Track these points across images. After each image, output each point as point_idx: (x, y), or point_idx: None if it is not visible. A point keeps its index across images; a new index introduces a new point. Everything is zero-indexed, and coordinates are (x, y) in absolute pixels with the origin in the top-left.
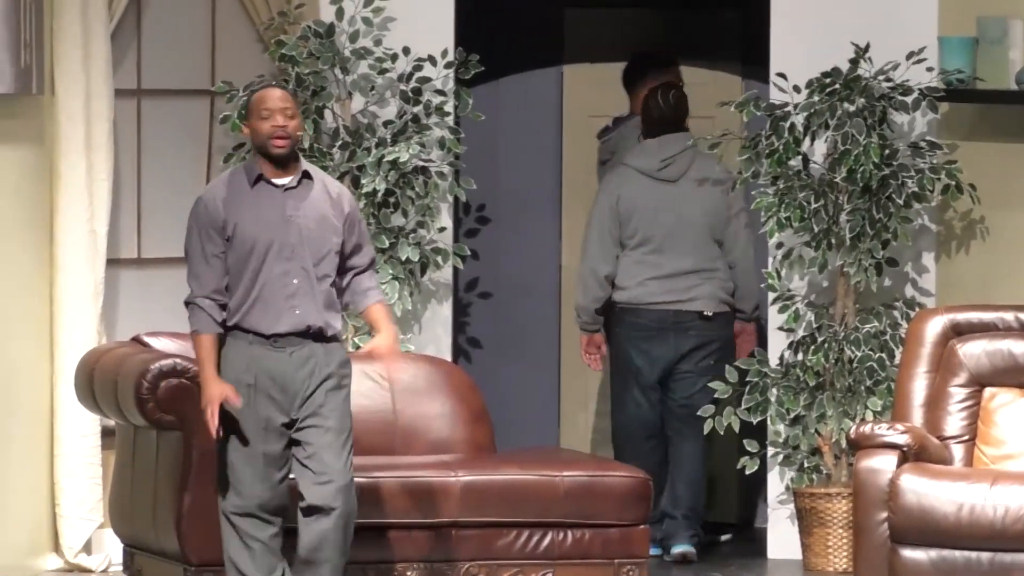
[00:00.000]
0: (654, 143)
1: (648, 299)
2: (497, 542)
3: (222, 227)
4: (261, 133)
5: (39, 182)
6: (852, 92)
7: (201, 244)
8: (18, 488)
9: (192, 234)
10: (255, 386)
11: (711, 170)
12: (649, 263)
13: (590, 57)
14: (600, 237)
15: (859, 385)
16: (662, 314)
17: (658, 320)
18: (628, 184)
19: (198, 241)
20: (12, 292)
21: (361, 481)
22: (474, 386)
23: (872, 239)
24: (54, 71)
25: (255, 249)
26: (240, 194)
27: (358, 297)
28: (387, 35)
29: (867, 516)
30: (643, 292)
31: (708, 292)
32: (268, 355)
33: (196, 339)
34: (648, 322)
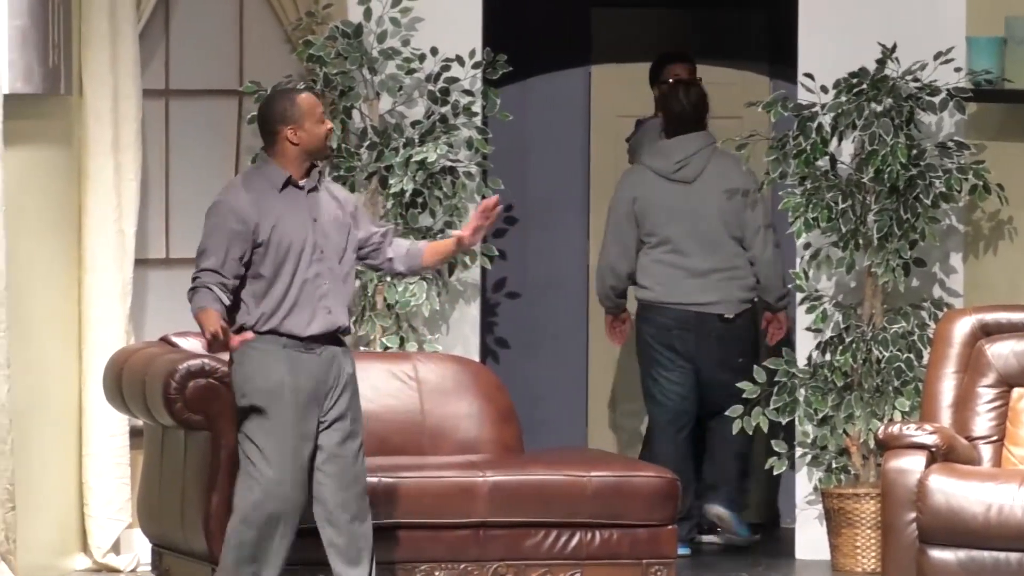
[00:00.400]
0: (672, 143)
1: (669, 298)
2: (525, 542)
3: (253, 231)
4: (319, 136)
5: (67, 183)
6: (880, 92)
7: (226, 244)
8: (47, 488)
9: (215, 234)
10: (298, 390)
11: (729, 168)
12: (668, 262)
13: (618, 57)
14: (617, 236)
15: (887, 385)
16: (684, 314)
17: (681, 319)
18: (644, 184)
19: (223, 240)
20: (40, 293)
21: (389, 481)
22: (502, 386)
23: (900, 239)
24: (82, 72)
25: (291, 252)
26: (269, 198)
27: (412, 251)
28: (415, 35)
29: (895, 516)
30: (664, 291)
31: (728, 294)
32: (302, 358)
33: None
34: (671, 320)
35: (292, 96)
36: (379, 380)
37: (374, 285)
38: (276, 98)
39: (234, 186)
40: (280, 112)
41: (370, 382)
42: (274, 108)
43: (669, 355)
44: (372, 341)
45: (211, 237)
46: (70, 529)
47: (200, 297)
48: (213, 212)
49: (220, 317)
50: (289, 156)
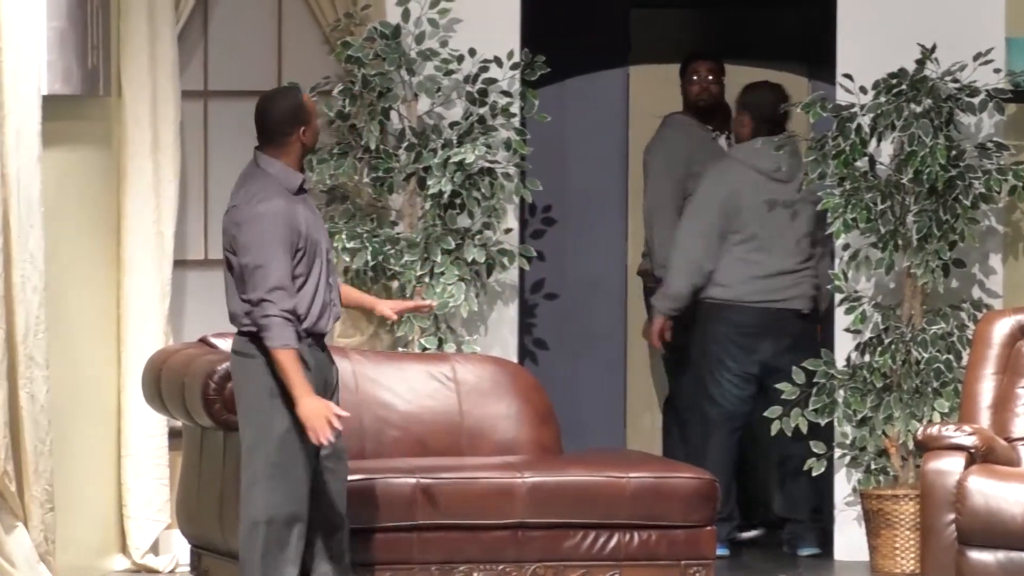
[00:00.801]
0: (770, 142)
1: (750, 297)
2: (563, 543)
3: (299, 236)
4: (318, 136)
5: (106, 184)
6: (919, 93)
7: (281, 257)
8: (86, 489)
9: (274, 246)
10: (315, 389)
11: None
12: (751, 261)
13: (656, 58)
14: (705, 231)
15: (926, 387)
16: (763, 313)
17: (759, 319)
18: (741, 182)
19: (284, 253)
20: (80, 293)
21: (427, 482)
22: (540, 387)
23: (939, 240)
24: (121, 73)
25: (318, 253)
26: (294, 201)
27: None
28: (453, 36)
29: (934, 518)
30: (746, 291)
31: (804, 290)
32: (318, 356)
33: (288, 355)
34: (748, 319)
35: (299, 96)
36: (417, 381)
37: (412, 286)
38: (286, 98)
39: (269, 191)
40: (294, 113)
41: (408, 383)
42: (287, 109)
43: (738, 355)
44: (410, 342)
45: (266, 250)
46: (109, 530)
47: (285, 332)
48: (267, 220)
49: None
50: (295, 156)
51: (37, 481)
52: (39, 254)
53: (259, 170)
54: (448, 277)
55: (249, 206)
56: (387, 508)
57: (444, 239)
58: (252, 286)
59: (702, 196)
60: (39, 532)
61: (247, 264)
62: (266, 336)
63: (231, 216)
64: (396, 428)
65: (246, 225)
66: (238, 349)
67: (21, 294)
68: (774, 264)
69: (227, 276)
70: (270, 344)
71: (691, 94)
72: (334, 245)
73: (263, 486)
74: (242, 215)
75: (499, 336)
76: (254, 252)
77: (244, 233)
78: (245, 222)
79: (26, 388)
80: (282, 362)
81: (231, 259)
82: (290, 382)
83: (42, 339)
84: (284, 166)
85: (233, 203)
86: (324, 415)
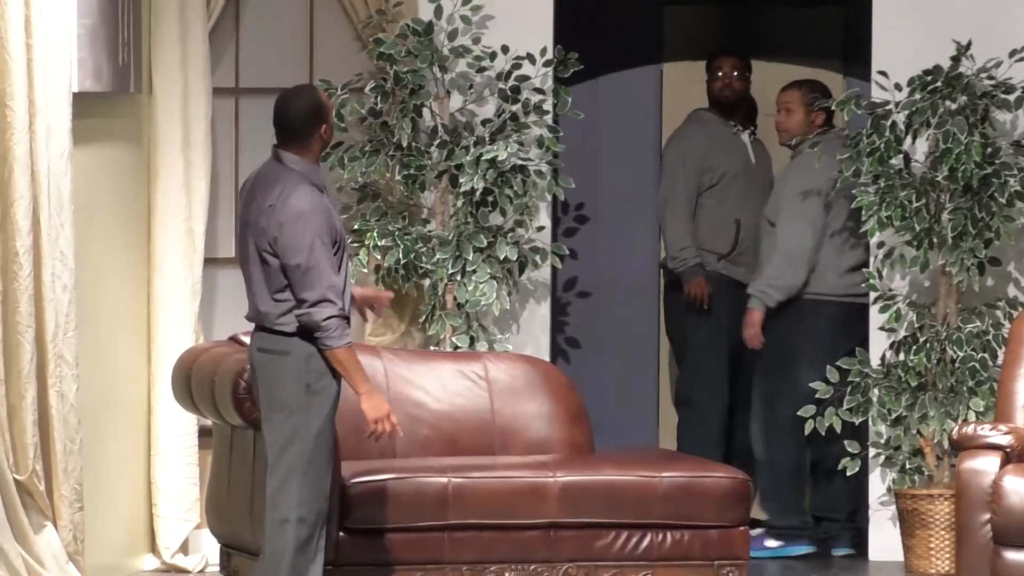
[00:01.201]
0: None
1: (843, 291)
2: (595, 543)
3: (336, 233)
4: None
5: (137, 181)
6: (954, 90)
7: (329, 256)
8: (115, 488)
9: (320, 247)
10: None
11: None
12: (844, 254)
13: (690, 55)
14: (817, 225)
15: (961, 385)
16: (849, 307)
17: (845, 311)
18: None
19: (330, 251)
20: (110, 292)
21: (459, 481)
22: (572, 386)
23: (974, 238)
24: (152, 70)
25: (346, 253)
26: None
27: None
28: (485, 33)
29: (970, 518)
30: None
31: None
32: None
33: (350, 352)
34: (839, 314)
35: (318, 94)
36: (449, 380)
37: (444, 284)
38: (307, 96)
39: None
40: (316, 110)
41: (440, 382)
42: (309, 106)
43: (823, 353)
44: (442, 341)
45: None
46: (138, 529)
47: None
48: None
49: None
50: (316, 153)
51: (66, 480)
52: (69, 252)
53: (285, 168)
54: (480, 275)
55: (288, 205)
56: (418, 507)
57: (476, 237)
58: (306, 286)
59: (805, 186)
60: (68, 532)
61: (299, 264)
62: (325, 335)
63: (270, 216)
64: (427, 427)
65: (289, 225)
66: (269, 347)
67: (51, 292)
68: (853, 257)
69: (256, 275)
70: (333, 344)
71: (714, 89)
72: (366, 243)
73: (296, 483)
74: (284, 215)
75: (531, 335)
76: (305, 252)
77: (288, 233)
78: (288, 222)
79: (56, 387)
80: (345, 360)
81: (267, 258)
82: (353, 378)
83: (72, 338)
84: (309, 163)
85: (268, 202)
86: (387, 411)
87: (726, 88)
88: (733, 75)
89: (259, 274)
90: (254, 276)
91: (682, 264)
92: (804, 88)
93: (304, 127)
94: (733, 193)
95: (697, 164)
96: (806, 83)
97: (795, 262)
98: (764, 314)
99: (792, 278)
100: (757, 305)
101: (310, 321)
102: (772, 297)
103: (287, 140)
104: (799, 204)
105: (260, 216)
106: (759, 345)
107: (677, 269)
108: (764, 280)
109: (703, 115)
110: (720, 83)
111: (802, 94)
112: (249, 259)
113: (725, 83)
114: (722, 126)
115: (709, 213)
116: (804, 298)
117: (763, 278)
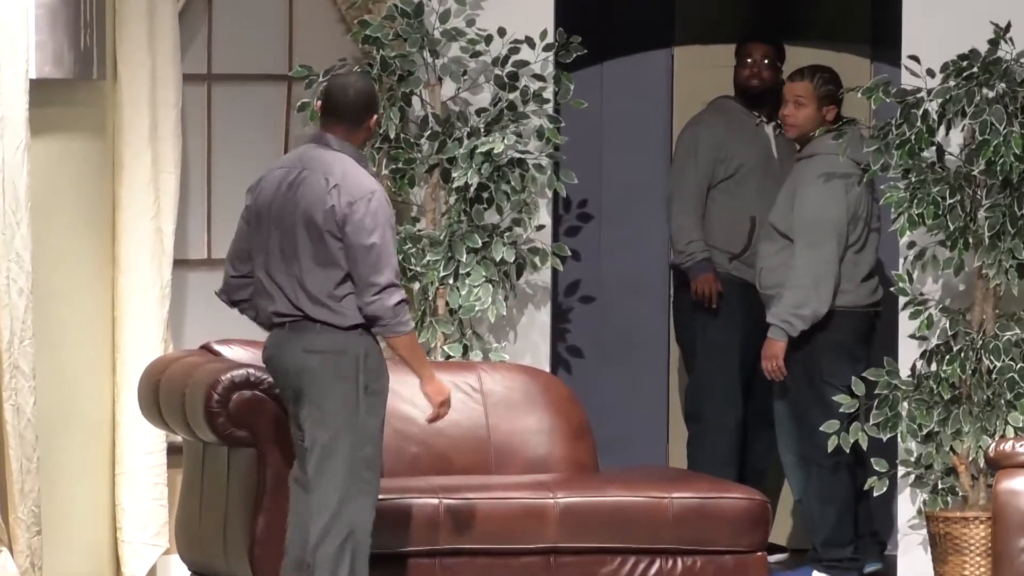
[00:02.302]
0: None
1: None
2: (599, 570)
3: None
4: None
5: (100, 175)
6: (991, 76)
7: (395, 240)
8: (76, 510)
9: (388, 228)
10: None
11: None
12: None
13: (703, 38)
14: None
15: (999, 398)
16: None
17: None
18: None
19: (395, 237)
20: (71, 295)
21: (452, 503)
22: (574, 399)
23: (1013, 238)
24: (117, 54)
25: None
26: None
27: None
28: (481, 14)
29: (1007, 543)
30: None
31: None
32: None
33: (414, 337)
34: (864, 324)
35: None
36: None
37: (435, 288)
38: (365, 82)
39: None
40: (372, 98)
41: None
42: (366, 93)
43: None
44: (433, 349)
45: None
46: (101, 555)
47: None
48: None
49: None
50: (360, 141)
51: (23, 502)
52: (26, 253)
53: (335, 152)
54: (474, 278)
55: (358, 184)
56: (407, 531)
57: (470, 237)
58: (378, 269)
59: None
60: (25, 557)
61: (373, 244)
62: (396, 322)
63: (336, 196)
64: (417, 444)
65: (362, 203)
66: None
67: (6, 297)
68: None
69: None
70: (404, 330)
71: (740, 77)
72: None
73: (360, 493)
74: (354, 193)
75: (530, 343)
76: (380, 232)
77: (362, 211)
78: (361, 200)
79: (11, 400)
80: (410, 345)
81: (329, 241)
82: (419, 363)
83: (29, 346)
84: (356, 150)
85: (333, 182)
86: (449, 394)
87: (754, 77)
88: (763, 63)
89: (311, 263)
90: (303, 267)
91: (689, 259)
92: (816, 79)
93: (360, 113)
94: (749, 188)
95: (710, 153)
96: (817, 72)
97: (821, 286)
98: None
99: (819, 305)
100: (779, 336)
101: (381, 307)
102: (796, 328)
103: (336, 123)
104: (821, 218)
105: (319, 196)
106: (780, 378)
107: (683, 264)
108: (787, 307)
109: (726, 103)
110: (748, 71)
111: (814, 86)
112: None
113: (753, 71)
114: (744, 116)
115: (721, 208)
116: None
117: (785, 304)
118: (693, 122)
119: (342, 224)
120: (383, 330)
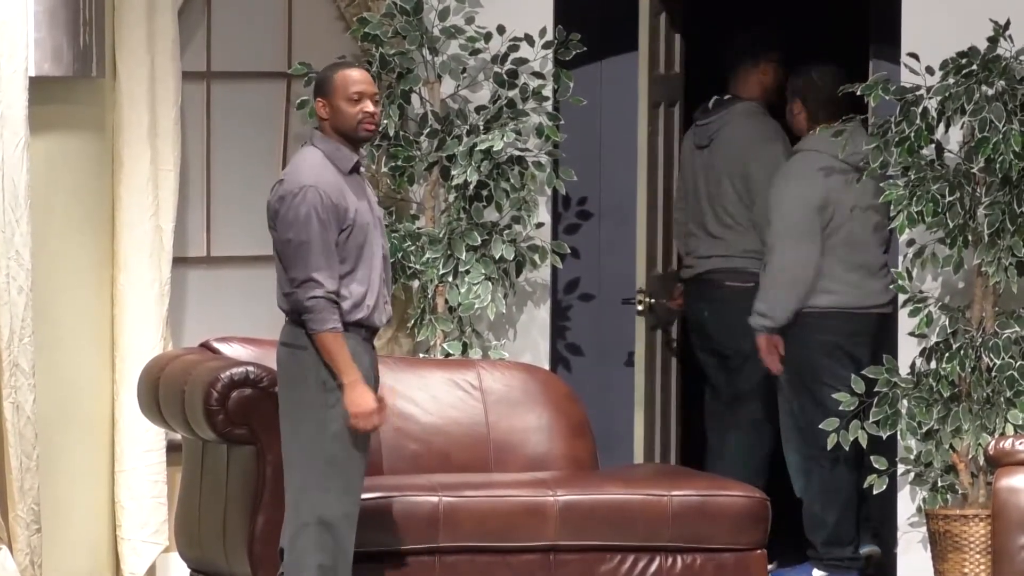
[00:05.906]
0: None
1: (860, 302)
2: (599, 568)
3: (343, 215)
4: (350, 116)
5: (99, 173)
6: (991, 74)
7: (324, 235)
8: (76, 508)
9: (312, 223)
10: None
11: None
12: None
13: None
14: (810, 235)
15: (998, 396)
16: (867, 318)
17: (864, 326)
18: (832, 176)
19: (321, 231)
20: (70, 293)
21: (451, 500)
22: (574, 397)
23: (1013, 235)
24: (116, 52)
25: (368, 239)
26: (343, 179)
27: None
28: (480, 12)
29: (1007, 540)
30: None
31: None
32: (372, 352)
33: (335, 338)
34: (857, 326)
35: (336, 69)
36: (440, 390)
37: (434, 286)
38: (325, 68)
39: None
40: (319, 82)
41: (430, 392)
42: (318, 78)
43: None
44: (432, 347)
45: (307, 227)
46: (101, 553)
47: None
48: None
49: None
50: (328, 132)
51: (23, 500)
52: (25, 251)
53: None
54: (474, 276)
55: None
56: (406, 529)
57: (469, 234)
58: (293, 263)
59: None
60: (24, 556)
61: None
62: (310, 318)
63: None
64: (416, 441)
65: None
66: (288, 341)
67: (6, 295)
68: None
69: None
70: (315, 327)
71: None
72: None
73: (317, 486)
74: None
75: (529, 341)
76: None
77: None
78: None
79: (11, 398)
80: (329, 346)
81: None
82: (338, 367)
83: (28, 344)
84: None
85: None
86: (371, 408)
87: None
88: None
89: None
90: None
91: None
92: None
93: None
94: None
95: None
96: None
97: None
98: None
99: (786, 303)
100: (760, 331)
101: (295, 302)
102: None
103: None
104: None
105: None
106: (778, 370)
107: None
108: (760, 306)
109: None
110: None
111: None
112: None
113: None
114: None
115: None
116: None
117: (757, 303)
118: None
119: (272, 219)
120: (308, 326)
